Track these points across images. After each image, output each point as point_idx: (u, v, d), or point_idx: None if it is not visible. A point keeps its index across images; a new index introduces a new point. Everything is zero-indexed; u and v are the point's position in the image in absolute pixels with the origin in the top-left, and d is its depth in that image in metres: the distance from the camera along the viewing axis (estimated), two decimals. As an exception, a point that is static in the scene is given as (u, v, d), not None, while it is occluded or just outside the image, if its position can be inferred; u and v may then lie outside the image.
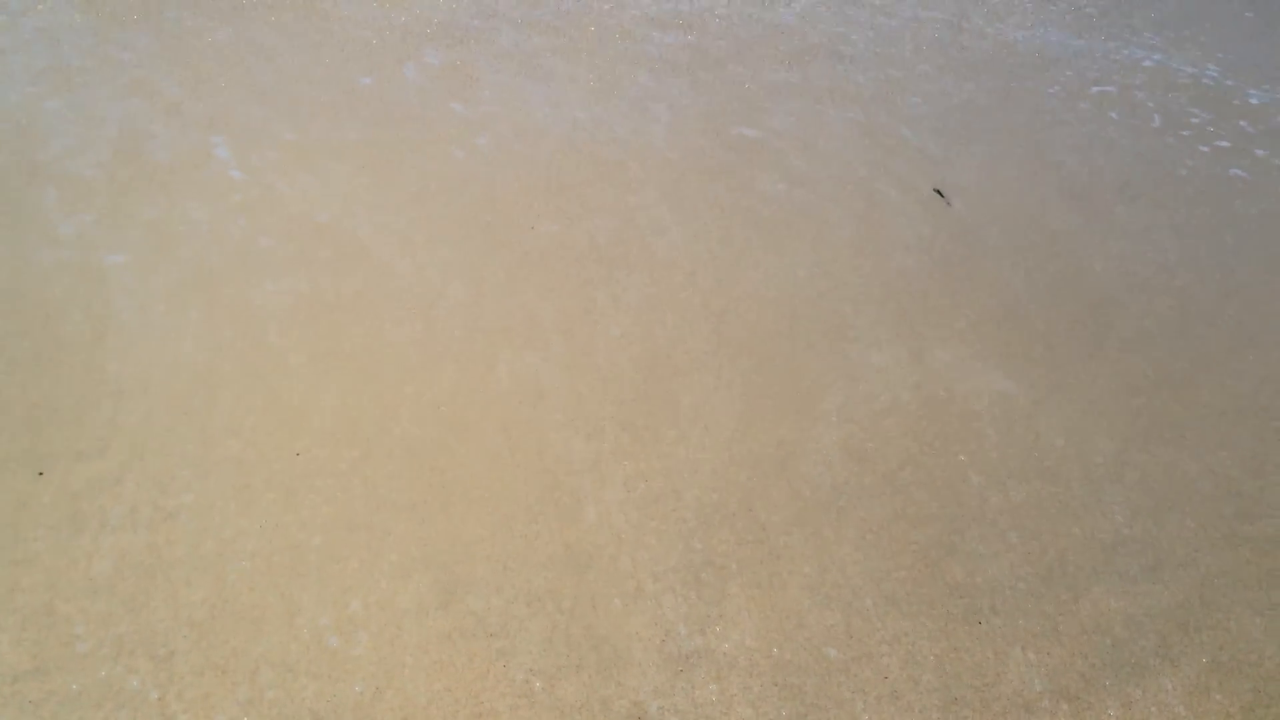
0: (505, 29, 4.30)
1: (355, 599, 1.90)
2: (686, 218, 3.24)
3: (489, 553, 2.01)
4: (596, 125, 3.73)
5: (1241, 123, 4.35)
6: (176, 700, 1.69)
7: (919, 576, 2.04)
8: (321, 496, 2.07)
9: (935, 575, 2.05)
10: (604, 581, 1.98)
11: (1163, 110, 4.28)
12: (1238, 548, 2.20)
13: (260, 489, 2.07)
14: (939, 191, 3.29)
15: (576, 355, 2.57)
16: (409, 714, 1.71)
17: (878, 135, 3.88)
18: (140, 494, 2.03)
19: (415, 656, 1.80)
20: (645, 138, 3.70)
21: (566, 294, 2.79)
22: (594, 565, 2.01)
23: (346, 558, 1.96)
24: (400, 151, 3.42)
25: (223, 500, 2.03)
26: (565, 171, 3.44)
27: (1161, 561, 2.15)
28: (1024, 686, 1.85)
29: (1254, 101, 4.51)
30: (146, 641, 1.78)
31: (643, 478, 2.21)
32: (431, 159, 3.38)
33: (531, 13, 4.43)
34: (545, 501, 2.12)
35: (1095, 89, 4.29)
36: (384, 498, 2.09)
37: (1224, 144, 4.19)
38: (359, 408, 2.29)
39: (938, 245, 3.19)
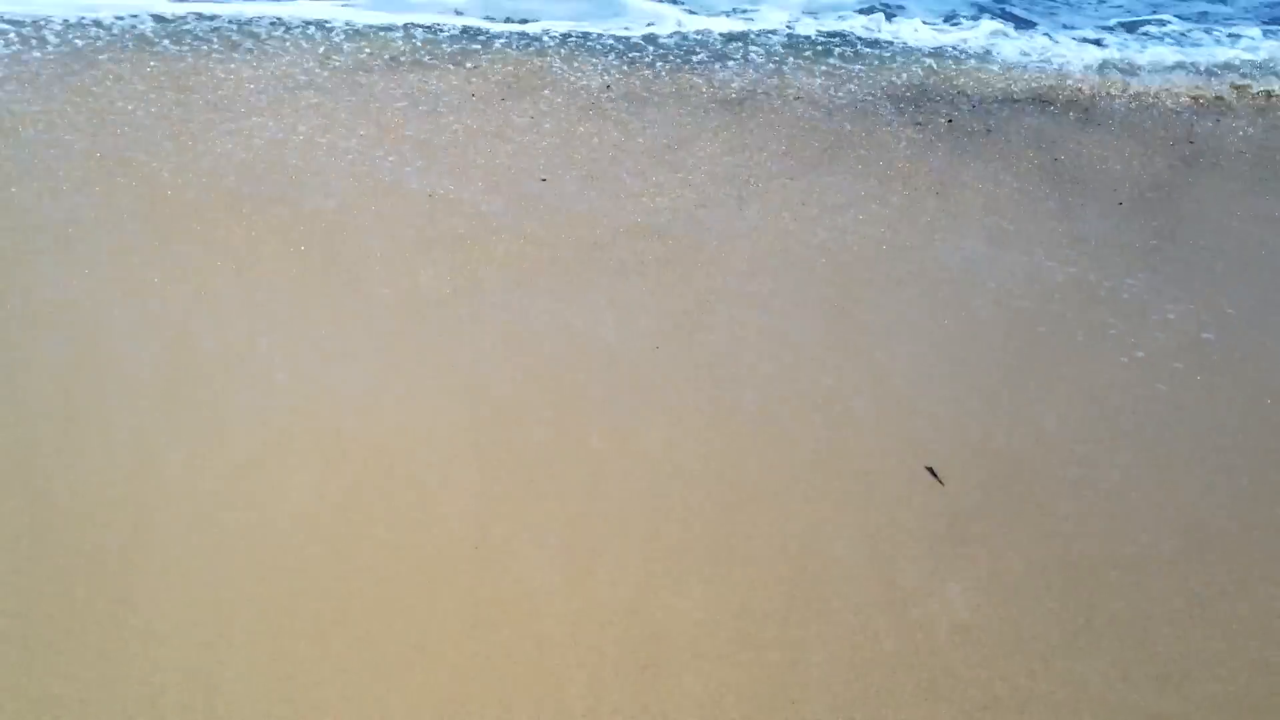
0: (500, 240, 5.00)
1: None
2: (672, 424, 3.74)
3: None
4: (585, 332, 4.32)
5: (1158, 335, 4.88)
6: None
7: None
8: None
9: None
10: None
11: (1084, 324, 4.84)
12: None
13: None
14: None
15: (574, 595, 2.91)
16: None
17: (827, 350, 4.44)
18: None
19: None
20: (629, 344, 4.25)
21: (562, 512, 3.21)
22: None
23: None
24: (416, 354, 4.01)
25: None
26: (559, 376, 3.97)
27: None
28: None
29: (1171, 317, 5.06)
30: None
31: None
32: (443, 365, 3.95)
33: (521, 223, 5.13)
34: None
35: (1017, 303, 4.87)
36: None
37: (1140, 354, 4.72)
38: (359, 704, 2.57)
39: (901, 472, 3.63)
